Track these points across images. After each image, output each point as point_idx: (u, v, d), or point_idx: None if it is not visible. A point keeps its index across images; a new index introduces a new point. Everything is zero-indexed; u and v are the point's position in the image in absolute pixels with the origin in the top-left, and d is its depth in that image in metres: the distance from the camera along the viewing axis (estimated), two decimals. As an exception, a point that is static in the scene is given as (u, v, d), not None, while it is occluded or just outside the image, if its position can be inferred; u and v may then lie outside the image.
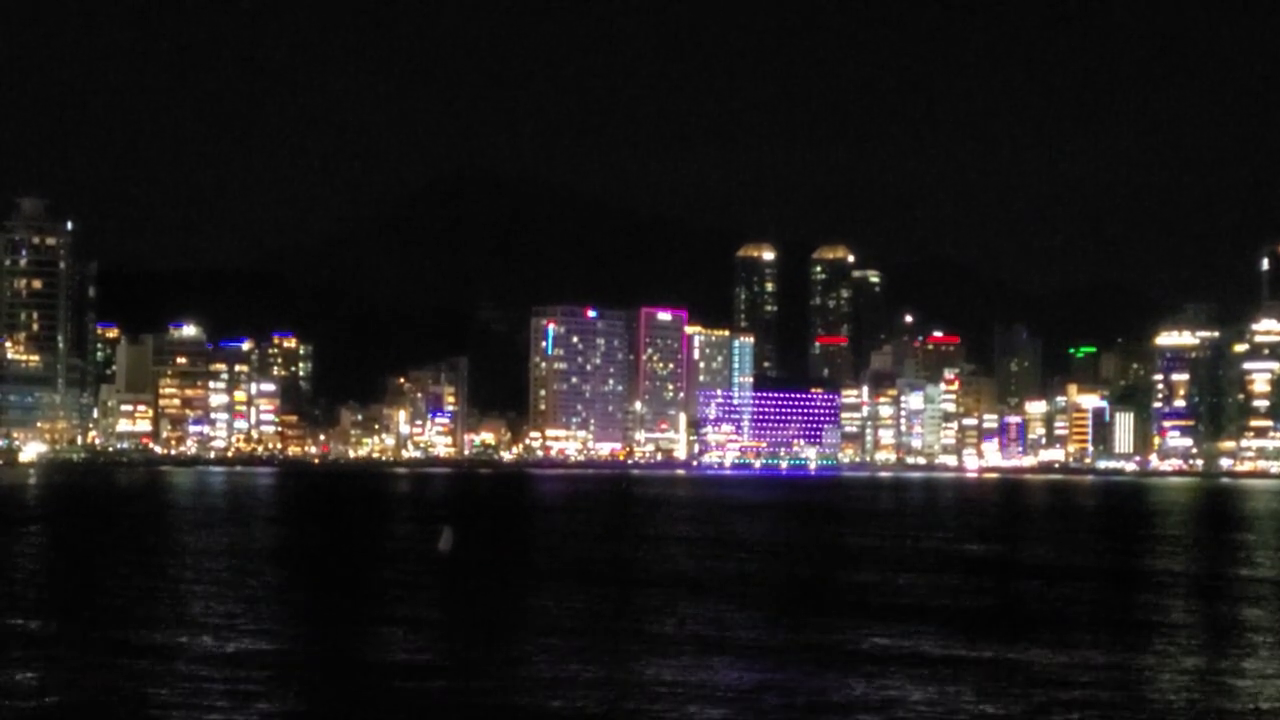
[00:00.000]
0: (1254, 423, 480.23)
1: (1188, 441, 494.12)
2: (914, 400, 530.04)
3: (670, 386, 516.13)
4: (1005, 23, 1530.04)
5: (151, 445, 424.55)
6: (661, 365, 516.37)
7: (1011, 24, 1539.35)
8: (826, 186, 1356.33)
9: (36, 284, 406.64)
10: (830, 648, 56.34)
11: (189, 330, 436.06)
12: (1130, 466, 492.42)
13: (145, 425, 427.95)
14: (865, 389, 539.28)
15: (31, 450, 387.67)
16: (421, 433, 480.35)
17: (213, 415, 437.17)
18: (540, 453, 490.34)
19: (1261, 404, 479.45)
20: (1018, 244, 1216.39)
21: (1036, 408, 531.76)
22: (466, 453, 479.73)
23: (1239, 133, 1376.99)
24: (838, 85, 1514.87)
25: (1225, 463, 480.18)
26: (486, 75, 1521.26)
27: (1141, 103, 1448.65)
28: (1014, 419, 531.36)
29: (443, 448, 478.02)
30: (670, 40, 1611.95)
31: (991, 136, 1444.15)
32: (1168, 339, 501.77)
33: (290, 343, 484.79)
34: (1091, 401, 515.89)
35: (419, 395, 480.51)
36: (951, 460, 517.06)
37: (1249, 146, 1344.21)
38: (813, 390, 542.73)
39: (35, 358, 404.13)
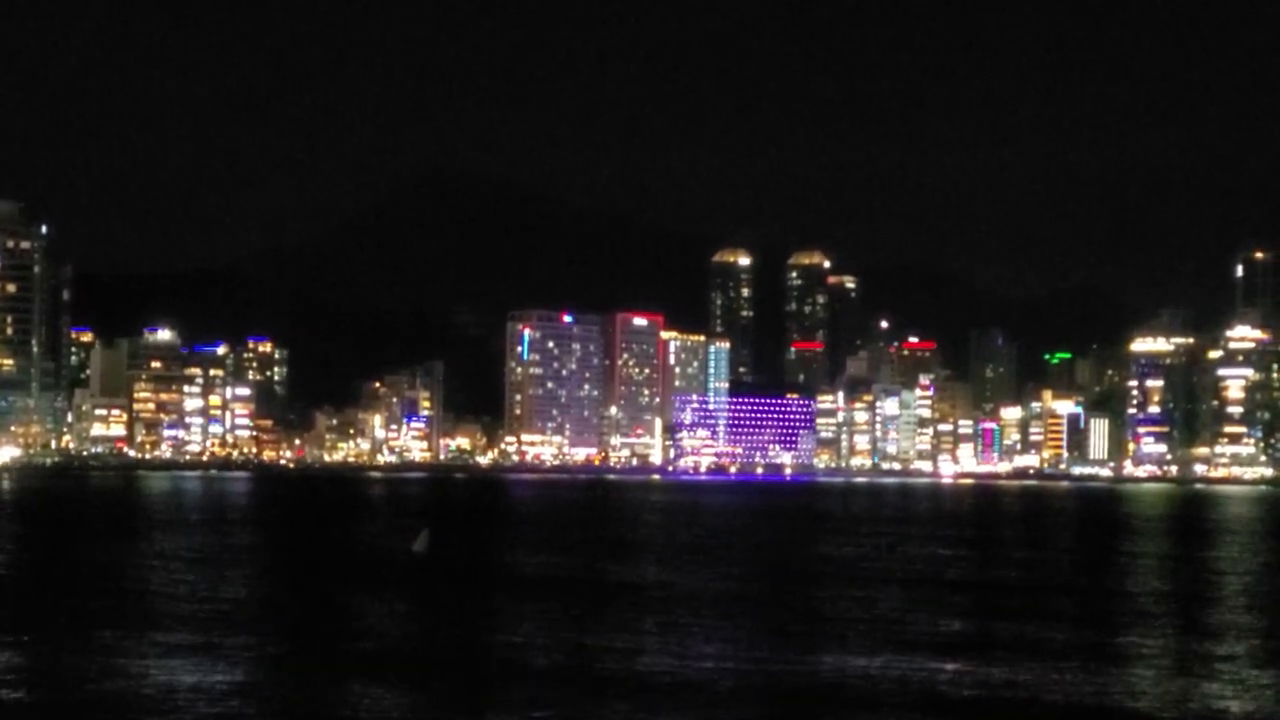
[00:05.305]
0: (1228, 429, 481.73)
1: (1162, 448, 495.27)
2: (889, 406, 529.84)
3: (646, 391, 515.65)
4: (980, 30, 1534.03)
5: (126, 449, 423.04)
6: (637, 370, 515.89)
7: (986, 31, 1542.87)
8: (802, 192, 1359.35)
9: (10, 287, 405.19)
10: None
11: (163, 334, 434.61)
12: (1105, 473, 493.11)
13: (119, 429, 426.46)
14: (841, 394, 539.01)
15: (4, 454, 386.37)
16: (397, 437, 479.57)
17: (187, 419, 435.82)
18: (516, 457, 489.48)
19: (1235, 410, 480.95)
20: (993, 250, 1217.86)
21: (1012, 413, 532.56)
22: (442, 457, 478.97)
23: (1213, 140, 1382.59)
24: (813, 91, 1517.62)
25: (1199, 469, 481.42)
26: (461, 78, 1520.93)
27: (1117, 110, 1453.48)
28: (989, 424, 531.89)
29: (418, 452, 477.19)
30: (647, 44, 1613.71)
31: (967, 143, 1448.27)
32: (1143, 345, 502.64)
33: (265, 347, 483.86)
34: (1066, 407, 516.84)
35: (394, 399, 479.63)
36: (927, 466, 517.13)
37: (1223, 153, 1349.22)
38: (788, 396, 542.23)
39: (9, 361, 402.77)
